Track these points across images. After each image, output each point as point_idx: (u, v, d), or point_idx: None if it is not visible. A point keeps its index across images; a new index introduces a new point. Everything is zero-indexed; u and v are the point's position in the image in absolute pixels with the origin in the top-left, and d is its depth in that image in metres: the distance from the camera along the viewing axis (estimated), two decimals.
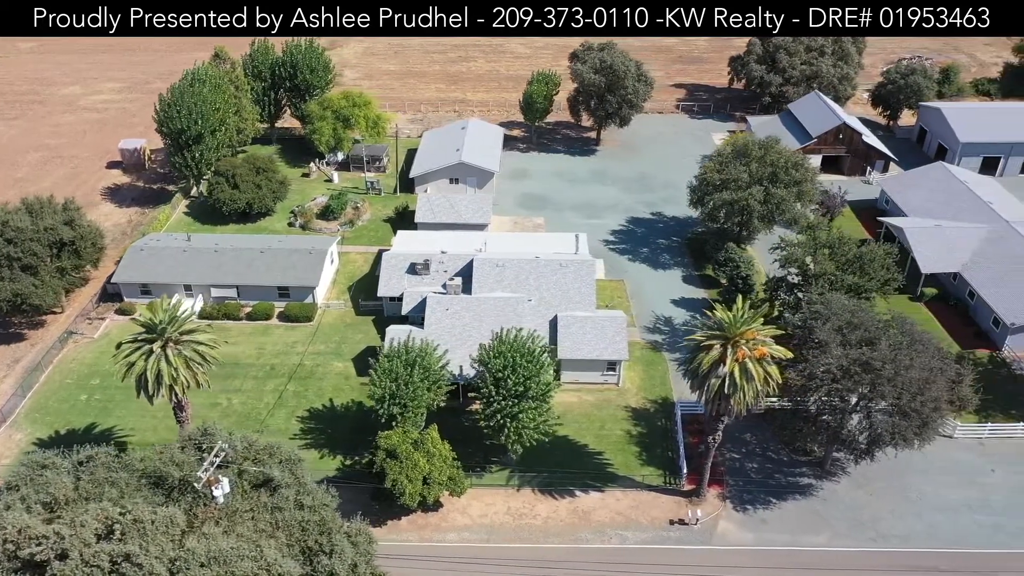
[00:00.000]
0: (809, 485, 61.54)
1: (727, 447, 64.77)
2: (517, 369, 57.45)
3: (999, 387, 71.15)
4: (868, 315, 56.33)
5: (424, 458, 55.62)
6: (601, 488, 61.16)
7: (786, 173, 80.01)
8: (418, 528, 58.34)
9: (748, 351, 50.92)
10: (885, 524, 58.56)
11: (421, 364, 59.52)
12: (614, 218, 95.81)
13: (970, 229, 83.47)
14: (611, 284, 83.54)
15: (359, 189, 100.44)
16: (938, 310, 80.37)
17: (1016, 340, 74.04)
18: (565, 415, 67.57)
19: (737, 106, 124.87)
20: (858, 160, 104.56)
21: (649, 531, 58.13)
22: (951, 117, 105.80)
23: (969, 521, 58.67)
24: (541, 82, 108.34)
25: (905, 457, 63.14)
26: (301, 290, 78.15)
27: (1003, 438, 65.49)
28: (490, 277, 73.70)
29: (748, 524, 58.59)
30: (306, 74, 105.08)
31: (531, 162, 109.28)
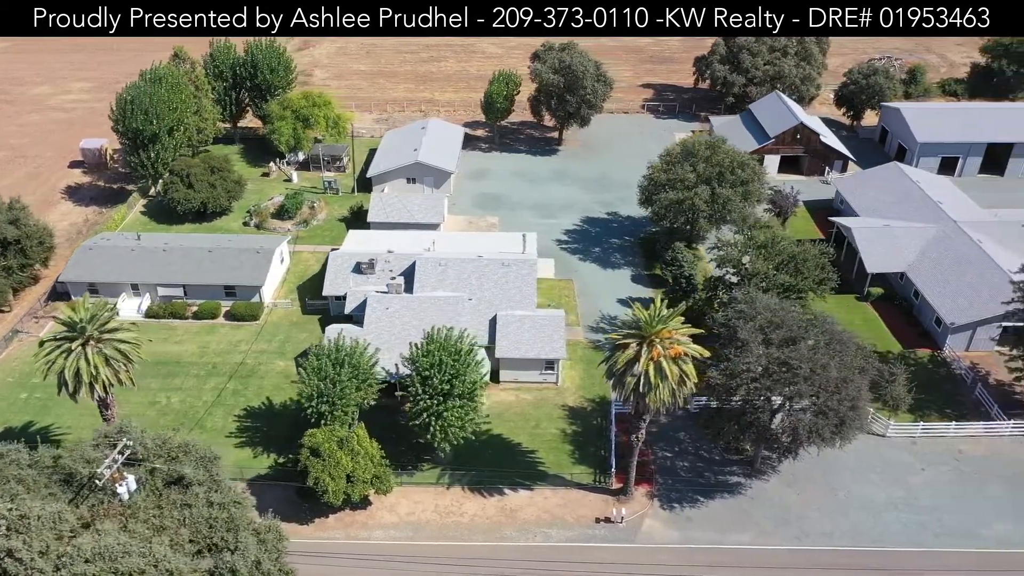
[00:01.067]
0: (738, 484, 61.80)
1: (660, 446, 65.08)
2: (443, 368, 57.78)
3: (937, 386, 71.49)
4: (790, 314, 56.55)
5: (348, 456, 55.88)
6: (530, 486, 61.42)
7: (732, 173, 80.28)
8: (345, 526, 58.61)
9: (663, 350, 51.17)
10: (811, 522, 58.81)
11: (350, 363, 59.80)
12: (570, 218, 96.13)
13: (918, 229, 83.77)
14: (559, 283, 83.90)
15: (317, 189, 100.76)
16: (884, 310, 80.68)
17: (956, 340, 74.34)
18: (502, 414, 67.93)
19: (703, 106, 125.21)
20: (816, 160, 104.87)
21: (575, 529, 58.39)
22: (910, 117, 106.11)
23: (894, 520, 58.91)
24: (501, 82, 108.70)
25: (837, 456, 63.51)
26: (247, 289, 78.45)
27: (935, 437, 65.73)
28: (432, 276, 74.00)
29: (674, 522, 58.84)
30: (266, 74, 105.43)
31: (492, 162, 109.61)
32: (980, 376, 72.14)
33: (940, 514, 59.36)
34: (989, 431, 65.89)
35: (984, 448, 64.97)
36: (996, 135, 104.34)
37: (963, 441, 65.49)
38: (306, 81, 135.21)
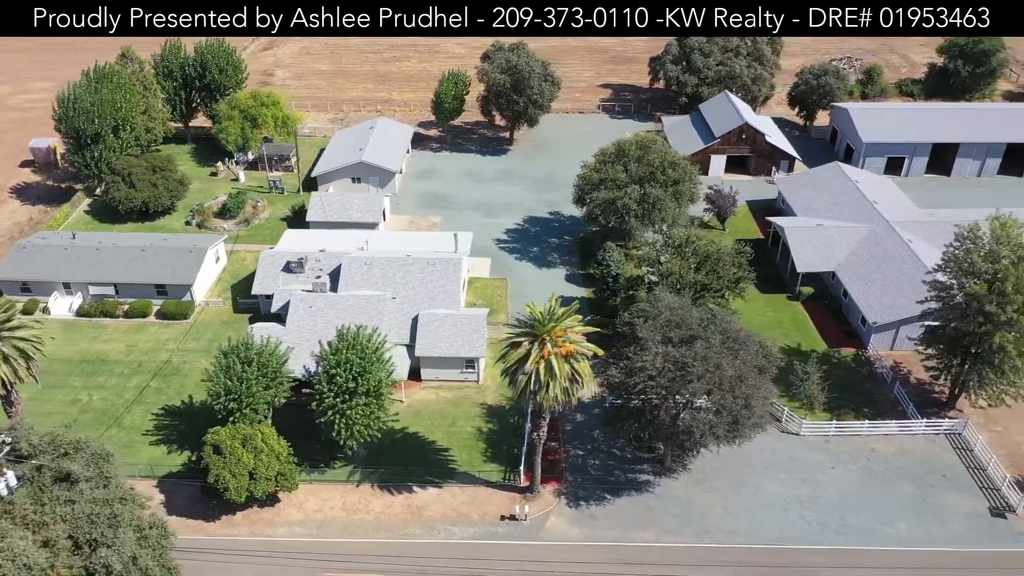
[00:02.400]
0: (647, 482, 62.17)
1: (574, 444, 65.49)
2: (350, 366, 58.18)
3: (858, 385, 71.86)
4: (690, 314, 56.89)
5: (251, 454, 56.28)
6: (439, 484, 61.83)
7: (663, 173, 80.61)
8: (251, 523, 59.01)
9: (553, 348, 51.54)
10: (715, 520, 59.19)
11: (259, 361, 60.19)
12: (512, 217, 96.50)
13: (850, 228, 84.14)
14: (493, 282, 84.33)
15: (264, 188, 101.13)
16: (814, 309, 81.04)
17: (880, 339, 74.71)
18: (420, 412, 68.36)
19: (659, 106, 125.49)
20: (763, 160, 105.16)
21: (479, 526, 58.78)
22: (856, 118, 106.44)
23: (797, 518, 59.29)
24: (450, 82, 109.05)
25: (750, 454, 63.99)
26: (178, 288, 78.85)
27: (849, 436, 66.08)
28: (357, 275, 74.38)
29: (578, 520, 59.22)
30: (215, 74, 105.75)
31: (441, 162, 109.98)
32: (901, 375, 72.50)
33: (844, 512, 59.72)
34: (902, 430, 66.25)
35: (896, 447, 65.34)
36: (941, 135, 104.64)
37: (876, 440, 65.87)
38: (266, 81, 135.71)
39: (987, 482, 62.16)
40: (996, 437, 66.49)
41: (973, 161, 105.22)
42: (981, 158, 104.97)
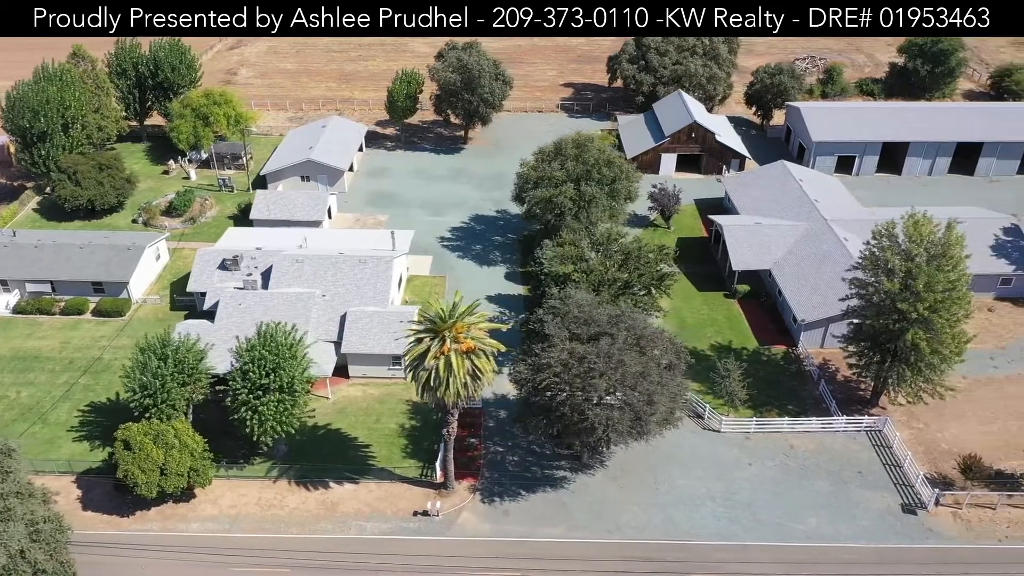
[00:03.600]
0: (563, 478, 62.49)
1: (495, 440, 65.82)
2: (264, 362, 58.51)
3: (786, 383, 72.18)
4: (599, 311, 57.21)
5: (161, 450, 56.63)
6: (356, 480, 62.19)
7: (598, 171, 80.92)
8: (165, 518, 59.36)
9: (453, 345, 51.87)
10: (626, 516, 59.49)
11: (175, 358, 60.53)
12: (458, 215, 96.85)
13: (788, 227, 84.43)
14: (432, 280, 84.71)
15: (214, 186, 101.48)
16: (750, 307, 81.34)
17: (809, 337, 75.00)
18: (345, 408, 68.74)
19: (618, 105, 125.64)
20: (713, 159, 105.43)
21: (391, 522, 59.13)
22: (807, 117, 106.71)
23: (709, 514, 59.60)
24: (403, 81, 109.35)
25: (669, 451, 64.39)
26: (114, 285, 79.24)
27: (769, 433, 66.38)
28: (288, 273, 74.71)
29: (490, 516, 59.55)
30: (167, 72, 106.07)
31: (395, 160, 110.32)
32: (829, 373, 72.79)
33: (756, 509, 60.03)
34: (822, 427, 66.53)
35: (816, 444, 65.65)
36: (891, 135, 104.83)
37: (797, 437, 66.16)
38: (229, 80, 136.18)
39: (902, 479, 62.48)
40: (917, 434, 66.81)
41: (923, 160, 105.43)
42: (931, 157, 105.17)
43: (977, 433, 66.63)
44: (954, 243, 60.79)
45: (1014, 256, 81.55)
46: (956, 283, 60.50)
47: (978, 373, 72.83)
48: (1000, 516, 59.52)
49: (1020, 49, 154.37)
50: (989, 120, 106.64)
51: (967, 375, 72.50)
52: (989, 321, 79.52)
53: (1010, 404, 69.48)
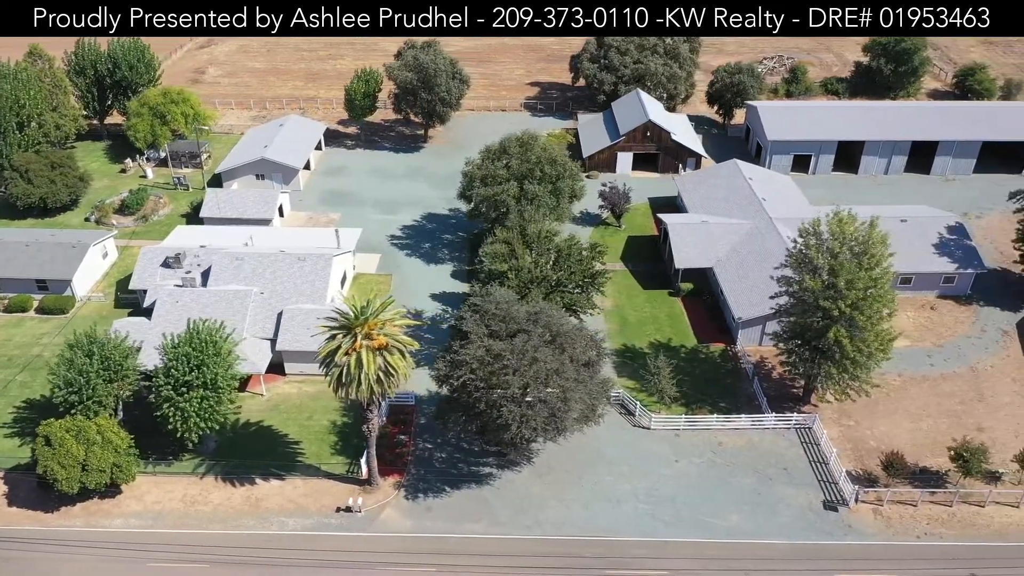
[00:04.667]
0: (489, 474, 62.77)
1: (425, 437, 66.09)
2: (188, 359, 58.82)
3: (721, 380, 72.46)
4: (517, 308, 57.47)
5: (82, 446, 56.91)
6: (282, 476, 62.47)
7: (541, 170, 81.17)
8: (89, 514, 59.67)
9: (364, 341, 52.15)
10: (548, 512, 59.76)
11: (100, 354, 60.80)
12: (411, 214, 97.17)
13: (734, 225, 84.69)
14: (378, 278, 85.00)
15: (170, 185, 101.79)
16: (693, 305, 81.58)
17: (747, 335, 75.29)
18: (279, 405, 69.06)
19: (582, 104, 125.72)
20: (669, 158, 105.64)
21: (313, 518, 59.42)
22: (764, 116, 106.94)
23: (631, 510, 59.86)
24: (361, 80, 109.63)
25: (597, 448, 64.73)
26: (58, 283, 79.54)
27: (700, 430, 66.62)
28: (227, 271, 75.00)
29: (412, 512, 59.84)
30: (125, 71, 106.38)
31: (353, 159, 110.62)
32: (765, 371, 73.05)
33: (678, 505, 60.30)
34: (752, 425, 66.76)
35: (745, 441, 65.91)
36: (846, 133, 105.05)
37: (726, 434, 66.41)
38: (196, 79, 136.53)
39: (827, 476, 62.73)
40: (846, 431, 67.07)
41: (879, 159, 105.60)
42: (887, 156, 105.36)
43: (906, 430, 66.89)
44: (876, 241, 60.98)
45: (957, 255, 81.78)
46: (878, 281, 60.78)
47: (914, 371, 73.16)
48: (921, 513, 59.78)
49: (990, 48, 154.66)
50: (945, 119, 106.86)
51: (903, 373, 72.95)
52: (930, 319, 79.84)
53: (943, 402, 69.73)
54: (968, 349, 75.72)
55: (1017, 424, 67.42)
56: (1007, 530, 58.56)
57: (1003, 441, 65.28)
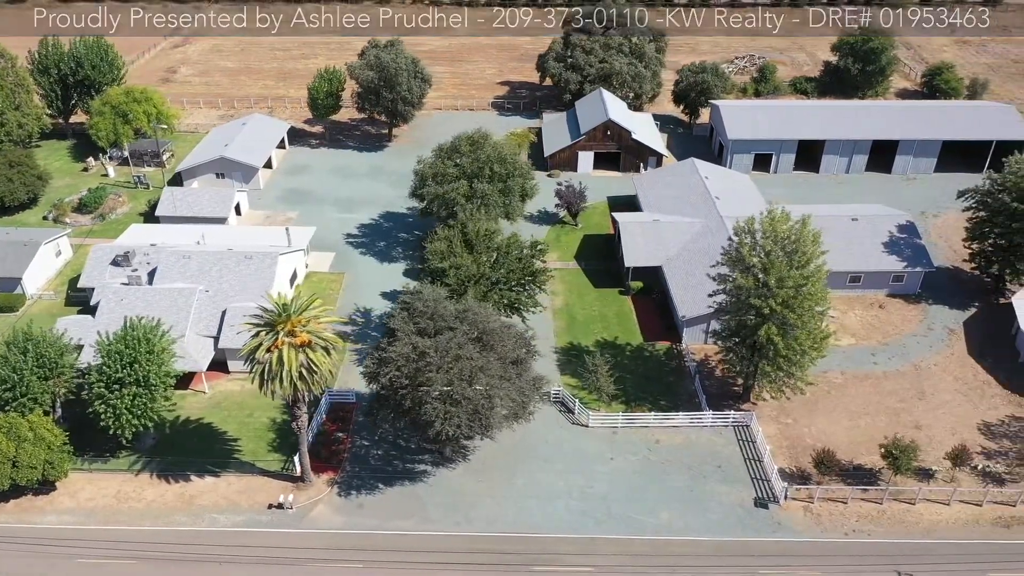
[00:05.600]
0: (424, 472, 63.01)
1: (363, 435, 66.32)
2: (120, 356, 59.05)
3: (664, 378, 72.69)
4: (444, 306, 57.72)
5: (13, 442, 57.13)
6: (218, 473, 62.72)
7: (491, 169, 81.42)
8: (21, 510, 59.91)
9: (287, 339, 52.41)
10: (480, 509, 59.97)
11: (35, 351, 61.03)
12: (369, 212, 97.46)
13: (685, 224, 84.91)
14: (330, 277, 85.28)
15: (130, 183, 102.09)
16: (643, 303, 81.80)
17: (691, 333, 75.50)
18: (221, 403, 69.34)
19: (551, 103, 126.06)
20: (631, 157, 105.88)
21: (245, 514, 59.66)
22: (725, 115, 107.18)
23: (562, 507, 60.07)
24: (324, 79, 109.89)
25: (534, 445, 65.04)
26: (7, 280, 79.78)
27: (638, 428, 66.83)
28: (174, 269, 75.26)
29: (344, 509, 60.08)
30: (88, 70, 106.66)
31: (317, 158, 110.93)
32: (708, 369, 73.27)
33: (610, 502, 60.51)
34: (690, 422, 66.94)
35: (683, 439, 66.12)
36: (807, 132, 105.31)
37: (664, 432, 66.62)
38: (168, 78, 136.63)
39: (761, 474, 62.95)
40: (784, 429, 67.29)
41: (840, 158, 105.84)
42: (848, 155, 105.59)
43: (844, 428, 67.11)
44: (807, 239, 61.20)
45: (906, 253, 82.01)
46: (810, 279, 61.00)
47: (856, 369, 73.41)
48: (851, 510, 60.00)
49: (963, 48, 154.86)
50: (906, 119, 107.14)
51: (845, 371, 73.23)
52: (878, 318, 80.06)
53: (883, 400, 69.95)
54: (913, 347, 75.96)
55: (955, 422, 67.67)
56: (936, 527, 58.79)
57: (940, 439, 65.50)
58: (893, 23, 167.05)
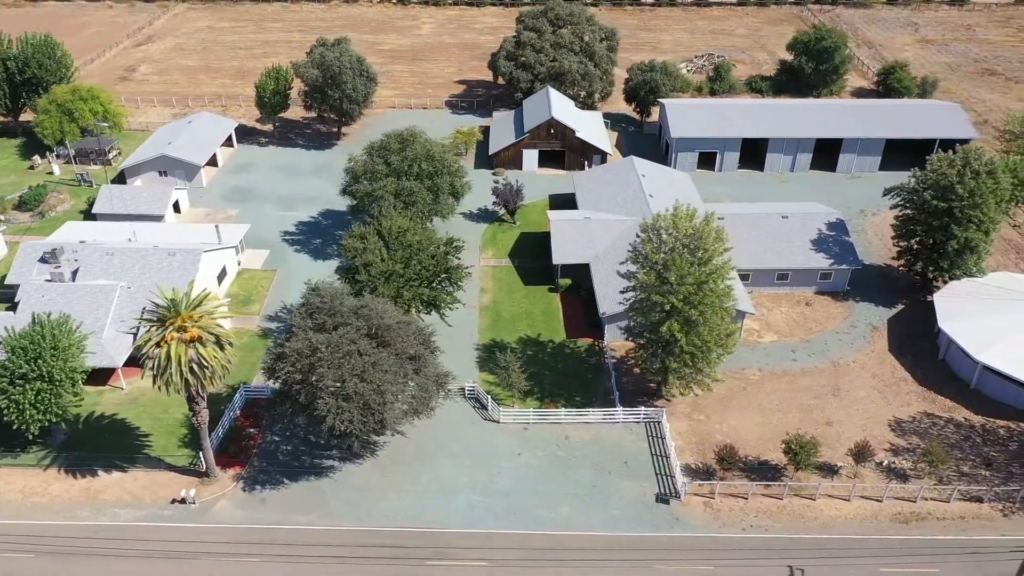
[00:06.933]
0: (331, 467, 63.33)
1: (275, 430, 66.63)
2: (24, 352, 59.37)
3: (583, 375, 72.97)
4: (340, 302, 58.01)
5: None
6: (125, 468, 63.08)
7: (419, 166, 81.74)
8: None
9: (177, 334, 52.76)
10: (383, 504, 60.27)
11: None
12: (309, 210, 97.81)
13: (616, 221, 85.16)
14: (261, 274, 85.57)
15: (75, 181, 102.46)
16: (571, 300, 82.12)
17: (612, 330, 75.75)
18: (138, 399, 69.69)
19: (505, 102, 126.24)
20: (575, 155, 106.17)
21: (147, 509, 59.99)
22: (669, 113, 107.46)
23: (464, 502, 60.37)
24: (271, 77, 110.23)
25: (442, 441, 65.35)
26: None
27: (549, 424, 67.10)
28: (97, 266, 75.62)
29: (247, 504, 60.39)
30: (35, 68, 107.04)
31: (264, 156, 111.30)
32: (628, 366, 73.52)
33: (512, 498, 60.80)
34: (602, 418, 67.19)
35: (592, 435, 66.41)
36: (751, 131, 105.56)
37: (575, 428, 66.91)
38: (126, 76, 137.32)
39: (667, 469, 63.24)
40: (696, 425, 67.58)
41: (784, 157, 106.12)
42: (792, 153, 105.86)
43: (755, 424, 67.39)
44: (708, 237, 61.48)
45: (834, 251, 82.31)
46: (711, 276, 61.29)
47: (775, 366, 73.72)
48: (751, 506, 60.30)
49: (925, 48, 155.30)
50: (850, 117, 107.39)
51: (763, 368, 73.58)
52: (803, 315, 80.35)
53: (797, 396, 70.26)
54: (834, 344, 76.26)
55: (867, 418, 67.97)
56: (834, 523, 59.09)
57: (849, 435, 65.72)
58: (859, 22, 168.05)
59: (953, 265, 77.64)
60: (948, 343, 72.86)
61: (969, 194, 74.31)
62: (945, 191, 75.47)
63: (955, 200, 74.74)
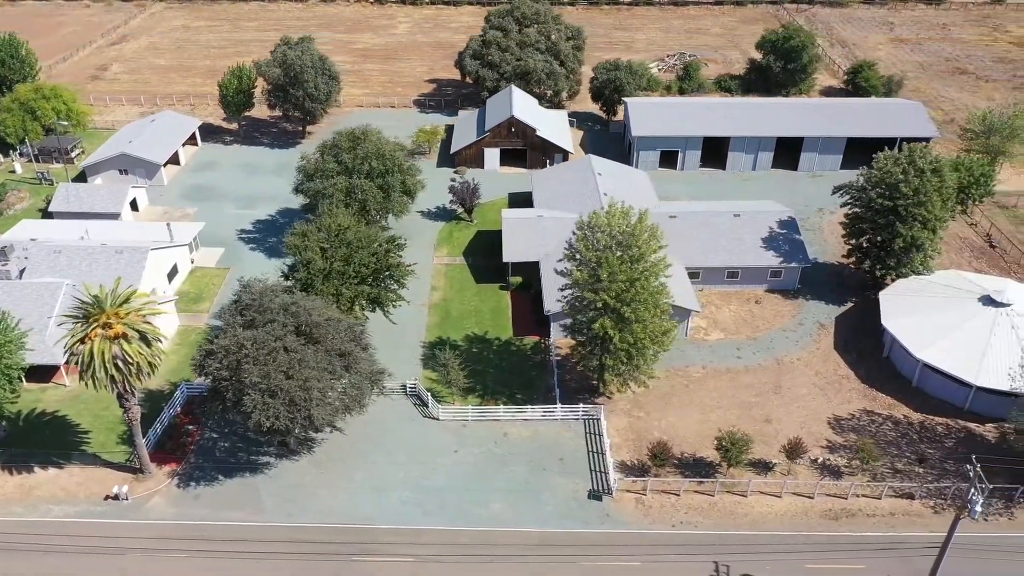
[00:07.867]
0: (267, 464, 63.54)
1: (211, 426, 66.82)
2: None
3: (527, 372, 73.20)
4: (271, 299, 58.17)
5: None
6: (61, 464, 63.30)
7: (370, 165, 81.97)
8: None
9: (99, 330, 52.97)
10: (315, 501, 60.46)
11: None
12: (267, 209, 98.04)
13: (569, 219, 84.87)
14: (214, 272, 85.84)
15: (36, 180, 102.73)
16: (520, 298, 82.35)
17: (557, 328, 75.88)
18: (80, 395, 69.84)
19: (473, 101, 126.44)
20: (537, 154, 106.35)
21: (80, 506, 60.21)
22: (632, 112, 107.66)
23: (396, 499, 60.57)
24: (233, 76, 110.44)
25: (379, 437, 65.66)
26: None
27: (488, 421, 67.31)
28: (44, 263, 75.87)
29: (179, 500, 60.60)
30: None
31: (227, 154, 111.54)
32: (572, 363, 73.65)
33: (445, 494, 60.99)
34: (541, 415, 67.39)
35: (531, 432, 66.60)
36: (712, 129, 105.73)
37: (514, 425, 67.12)
38: (97, 75, 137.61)
39: (601, 466, 63.42)
40: (635, 422, 67.77)
41: (746, 155, 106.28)
42: (753, 152, 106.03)
43: (695, 421, 67.56)
44: (641, 235, 61.63)
45: (784, 249, 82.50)
46: (644, 274, 61.45)
47: (719, 363, 73.90)
48: (682, 502, 60.51)
49: (898, 47, 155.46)
50: (812, 116, 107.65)
51: (707, 365, 73.78)
52: (751, 313, 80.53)
53: (738, 394, 70.44)
54: (780, 342, 76.46)
55: (806, 416, 68.16)
56: (764, 519, 59.28)
57: (788, 432, 65.80)
58: (834, 21, 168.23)
59: (900, 263, 77.80)
60: (891, 341, 73.05)
61: (914, 192, 74.51)
62: (891, 189, 75.70)
63: (900, 198, 74.94)
